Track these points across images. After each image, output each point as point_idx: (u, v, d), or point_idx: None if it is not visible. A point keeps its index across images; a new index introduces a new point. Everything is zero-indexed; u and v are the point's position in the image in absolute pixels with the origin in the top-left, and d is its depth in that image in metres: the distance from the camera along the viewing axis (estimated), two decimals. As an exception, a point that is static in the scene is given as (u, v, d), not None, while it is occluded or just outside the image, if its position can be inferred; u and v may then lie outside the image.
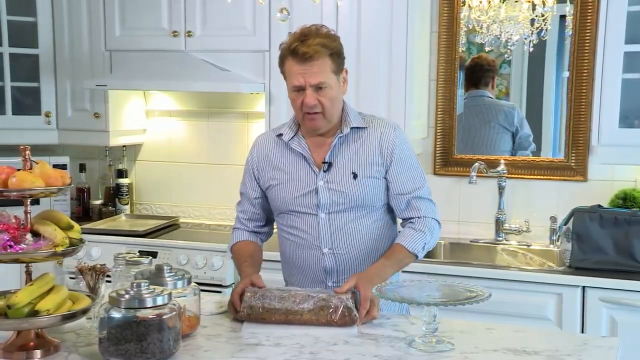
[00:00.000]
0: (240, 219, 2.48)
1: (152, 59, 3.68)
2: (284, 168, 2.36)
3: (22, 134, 3.80)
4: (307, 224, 2.33)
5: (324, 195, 2.30)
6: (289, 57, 2.21)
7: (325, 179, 2.30)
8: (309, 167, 2.33)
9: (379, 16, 3.29)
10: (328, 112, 2.25)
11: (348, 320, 2.07)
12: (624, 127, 3.10)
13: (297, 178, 2.33)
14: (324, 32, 2.23)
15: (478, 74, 3.61)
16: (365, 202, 2.31)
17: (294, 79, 2.22)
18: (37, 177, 1.90)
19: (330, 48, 2.20)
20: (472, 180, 3.41)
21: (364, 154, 2.31)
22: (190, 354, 1.88)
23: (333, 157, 2.31)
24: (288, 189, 2.34)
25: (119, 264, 2.16)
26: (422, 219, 2.32)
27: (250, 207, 2.45)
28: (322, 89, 2.21)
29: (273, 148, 2.39)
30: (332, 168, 2.31)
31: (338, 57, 2.24)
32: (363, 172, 2.30)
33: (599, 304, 2.89)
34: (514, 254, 3.44)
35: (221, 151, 4.00)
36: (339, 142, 2.32)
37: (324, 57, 2.19)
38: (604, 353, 1.91)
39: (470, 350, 1.92)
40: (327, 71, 2.21)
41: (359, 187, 2.29)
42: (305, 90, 2.21)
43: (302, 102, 2.22)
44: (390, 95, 3.32)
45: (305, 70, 2.19)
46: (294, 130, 2.36)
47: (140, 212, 4.20)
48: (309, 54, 2.17)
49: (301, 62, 2.19)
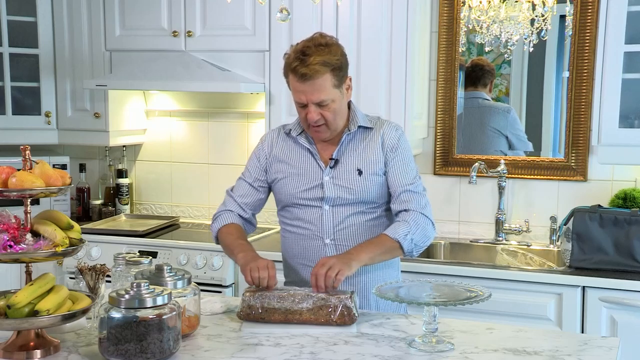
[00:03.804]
0: (238, 203, 2.45)
1: (152, 59, 3.68)
2: (292, 162, 2.40)
3: (22, 134, 3.81)
4: (311, 215, 2.37)
5: (330, 190, 2.34)
6: (291, 74, 2.25)
7: (331, 175, 2.35)
8: (315, 162, 2.38)
9: (379, 16, 3.29)
10: (332, 124, 2.30)
11: (347, 320, 2.07)
12: (624, 127, 3.10)
13: (304, 173, 2.38)
14: (323, 45, 2.23)
15: (477, 74, 3.61)
16: (369, 198, 2.35)
17: (296, 95, 2.27)
18: (37, 177, 1.90)
19: (331, 65, 2.22)
20: (472, 180, 3.41)
21: (369, 152, 2.36)
22: (190, 354, 1.88)
23: (340, 154, 2.37)
24: (294, 182, 2.38)
25: (119, 264, 2.16)
26: (409, 212, 2.30)
27: (253, 195, 2.45)
28: (324, 105, 2.25)
29: (282, 143, 2.44)
30: (339, 165, 2.36)
31: (340, 70, 2.26)
32: (368, 169, 2.34)
33: (599, 304, 2.89)
34: (514, 254, 3.44)
35: (221, 151, 4.00)
36: (346, 139, 2.37)
37: (324, 75, 2.21)
38: (604, 353, 1.91)
39: (470, 350, 1.92)
40: (329, 88, 2.24)
41: (363, 184, 2.34)
42: (308, 107, 2.25)
43: (306, 116, 2.28)
44: (390, 95, 3.32)
45: (306, 89, 2.23)
46: (302, 127, 2.40)
47: (140, 212, 4.20)
48: (308, 75, 2.20)
49: (302, 81, 2.22)
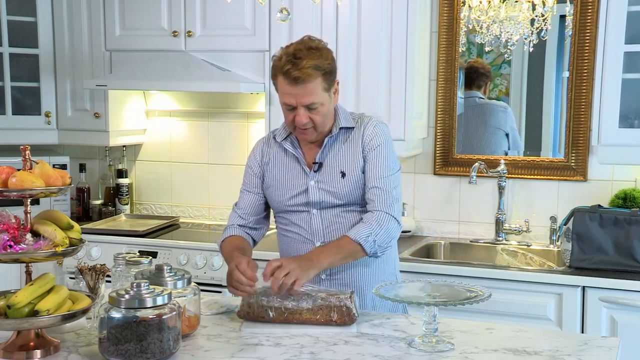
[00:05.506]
0: (238, 215, 2.46)
1: (152, 59, 3.68)
2: (278, 169, 2.41)
3: (22, 134, 3.81)
4: (301, 220, 2.38)
5: (314, 194, 2.35)
6: (281, 76, 2.23)
7: (315, 179, 2.36)
8: (300, 167, 2.38)
9: (379, 16, 3.29)
10: (319, 126, 2.30)
11: (347, 320, 2.07)
12: (624, 127, 3.10)
13: (290, 178, 2.39)
14: (314, 48, 2.23)
15: (472, 75, 3.62)
16: (353, 199, 2.35)
17: (285, 98, 2.26)
18: (37, 177, 1.90)
19: (322, 69, 2.22)
20: (472, 180, 3.41)
21: (351, 153, 2.35)
22: (190, 354, 1.88)
23: (323, 157, 2.37)
24: (281, 190, 2.39)
25: (119, 264, 2.16)
26: (373, 212, 2.28)
27: (251, 201, 2.46)
28: (313, 108, 2.25)
29: (270, 150, 2.45)
30: (323, 168, 2.36)
31: (330, 74, 2.26)
32: (351, 170, 2.34)
33: (599, 304, 2.89)
34: (514, 254, 3.44)
35: (221, 151, 4.00)
36: (329, 142, 2.36)
37: (316, 79, 2.21)
38: (604, 353, 1.91)
39: (470, 350, 1.92)
40: (319, 91, 2.23)
41: (347, 186, 2.34)
42: (297, 110, 2.25)
43: (293, 118, 2.27)
44: (390, 95, 3.32)
45: (297, 92, 2.22)
46: (287, 131, 2.40)
47: (140, 212, 4.20)
48: (301, 78, 2.19)
49: (293, 84, 2.21)
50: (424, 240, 3.54)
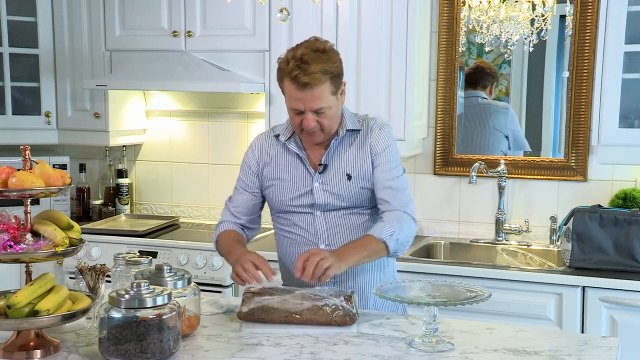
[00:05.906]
0: (231, 212, 2.46)
1: (152, 59, 3.68)
2: (281, 168, 2.39)
3: (22, 134, 3.81)
4: (304, 222, 2.36)
5: (319, 196, 2.33)
6: (288, 81, 2.21)
7: (320, 181, 2.34)
8: (304, 168, 2.36)
9: (379, 16, 3.29)
10: (327, 129, 2.29)
11: (347, 320, 2.07)
12: (624, 127, 3.10)
13: (294, 179, 2.37)
14: (321, 51, 2.20)
15: (478, 75, 3.62)
16: (359, 202, 2.34)
17: (293, 102, 2.23)
18: (37, 177, 1.90)
19: (330, 72, 2.20)
20: (472, 180, 3.41)
21: (357, 155, 2.34)
22: (190, 354, 1.88)
23: (328, 159, 2.35)
24: (285, 189, 2.37)
25: (119, 264, 2.16)
26: (392, 212, 2.28)
27: (246, 201, 2.45)
28: (321, 112, 2.23)
29: (271, 148, 2.42)
30: (328, 170, 2.34)
31: (338, 77, 2.25)
32: (357, 173, 2.33)
33: (599, 304, 2.89)
34: (514, 254, 3.44)
35: (221, 151, 4.00)
36: (334, 144, 2.35)
37: (324, 83, 2.20)
38: (604, 353, 1.91)
39: (470, 350, 1.92)
40: (327, 95, 2.22)
41: (353, 188, 2.33)
42: (305, 114, 2.23)
43: (301, 122, 2.25)
44: (390, 95, 3.32)
45: (305, 97, 2.20)
46: (291, 131, 2.38)
47: (140, 212, 4.20)
48: (309, 84, 2.17)
49: (301, 89, 2.19)
50: (424, 240, 3.54)
